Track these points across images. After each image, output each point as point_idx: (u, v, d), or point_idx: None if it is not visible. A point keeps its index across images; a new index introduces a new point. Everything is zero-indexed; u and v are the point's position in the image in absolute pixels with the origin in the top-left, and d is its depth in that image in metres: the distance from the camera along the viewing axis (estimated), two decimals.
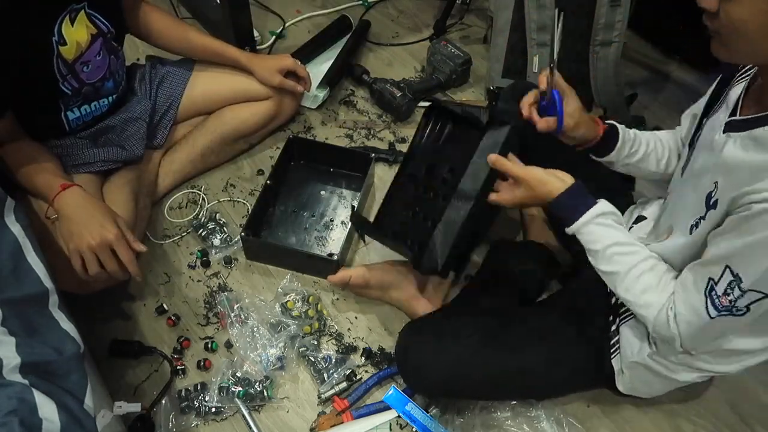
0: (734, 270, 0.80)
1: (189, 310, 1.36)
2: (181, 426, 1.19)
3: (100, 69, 1.29)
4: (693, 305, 0.86)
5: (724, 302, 0.82)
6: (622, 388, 1.10)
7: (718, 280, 0.82)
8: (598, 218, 0.96)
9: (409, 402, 1.20)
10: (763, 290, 0.79)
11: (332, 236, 1.48)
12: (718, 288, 0.82)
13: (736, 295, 0.80)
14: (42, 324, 0.91)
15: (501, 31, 1.69)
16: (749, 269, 0.79)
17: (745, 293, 0.80)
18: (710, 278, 0.83)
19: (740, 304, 0.81)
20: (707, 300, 0.84)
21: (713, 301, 0.83)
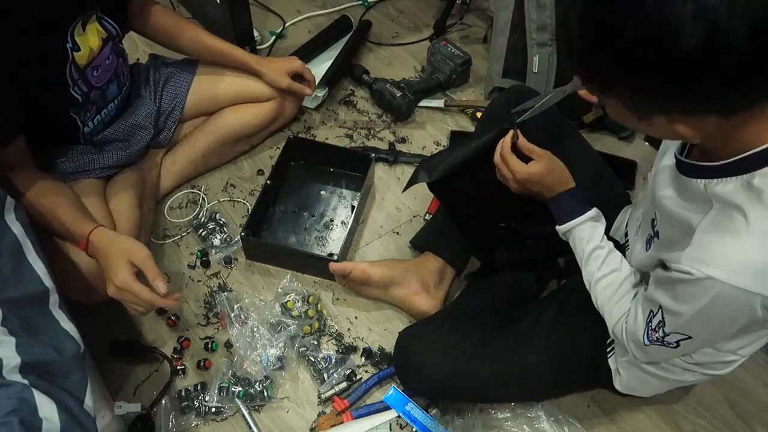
0: (663, 314, 0.84)
1: (189, 310, 1.36)
2: (181, 426, 1.19)
3: (108, 72, 1.29)
4: (636, 328, 0.90)
5: (654, 337, 0.87)
6: (619, 387, 1.11)
7: (654, 315, 0.86)
8: (592, 221, 1.02)
9: (409, 402, 1.20)
10: (685, 333, 0.83)
11: (332, 236, 1.48)
12: (653, 322, 0.86)
13: (662, 335, 0.85)
14: (42, 324, 0.91)
15: (501, 31, 1.69)
16: (672, 319, 0.82)
17: (668, 335, 0.84)
18: (650, 310, 0.87)
19: (669, 340, 0.85)
20: (646, 328, 0.88)
21: (647, 331, 0.88)
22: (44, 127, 1.20)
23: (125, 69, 1.38)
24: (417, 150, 1.68)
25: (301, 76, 1.56)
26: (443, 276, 1.34)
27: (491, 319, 1.17)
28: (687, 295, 0.78)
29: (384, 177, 1.62)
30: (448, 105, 1.79)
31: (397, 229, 1.52)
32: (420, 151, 1.68)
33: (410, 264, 1.34)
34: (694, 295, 0.76)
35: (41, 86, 1.15)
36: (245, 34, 1.80)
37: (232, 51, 1.52)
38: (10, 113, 1.09)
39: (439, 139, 1.72)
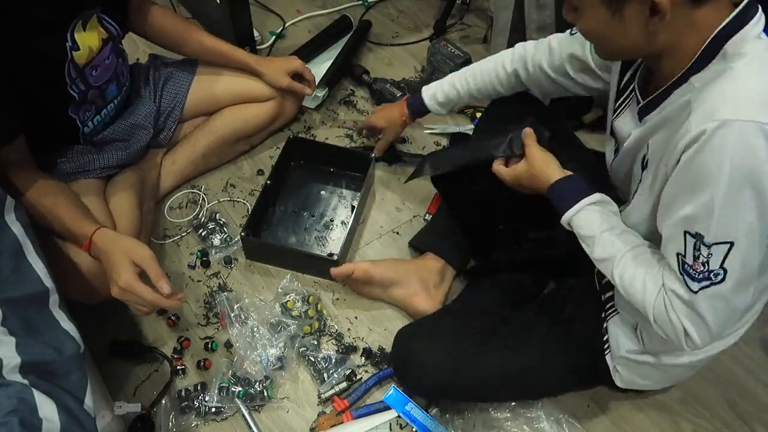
0: (692, 231, 0.79)
1: (189, 310, 1.36)
2: (181, 426, 1.19)
3: (107, 72, 1.29)
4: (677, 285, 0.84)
5: (698, 268, 0.80)
6: (619, 383, 1.11)
7: (684, 251, 0.81)
8: (594, 205, 0.97)
9: (409, 402, 1.20)
10: (725, 239, 0.77)
11: (332, 236, 1.48)
12: (687, 257, 0.81)
13: (705, 255, 0.79)
14: (42, 324, 0.91)
15: (501, 31, 1.69)
16: (705, 223, 0.77)
17: (710, 248, 0.78)
18: (677, 254, 0.82)
19: (713, 265, 0.79)
20: (684, 277, 0.83)
21: (689, 273, 0.82)
22: (44, 127, 1.20)
23: (125, 69, 1.38)
24: (417, 150, 1.68)
25: (301, 75, 1.57)
26: (443, 277, 1.34)
27: (490, 318, 1.18)
28: (706, 167, 0.74)
29: (384, 177, 1.62)
30: None
31: (397, 229, 1.52)
32: (420, 151, 1.68)
33: (411, 264, 1.35)
34: (714, 158, 0.73)
35: (40, 85, 1.15)
36: (245, 34, 1.80)
37: (232, 52, 1.52)
38: (9, 113, 1.09)
39: (439, 139, 1.72)
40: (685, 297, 0.83)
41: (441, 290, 1.34)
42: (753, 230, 0.77)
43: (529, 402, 1.22)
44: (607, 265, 0.94)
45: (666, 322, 0.87)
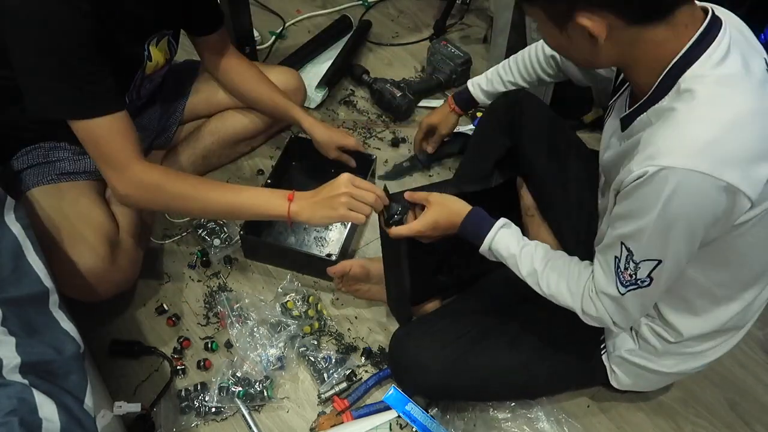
0: (627, 244, 0.84)
1: (189, 310, 1.36)
2: (181, 426, 1.19)
3: (152, 90, 1.36)
4: (607, 283, 0.90)
5: (627, 277, 0.87)
6: (616, 384, 1.11)
7: (620, 256, 0.86)
8: (504, 227, 1.03)
9: (409, 402, 1.20)
10: (652, 257, 0.83)
11: (331, 237, 1.48)
12: (620, 264, 0.87)
13: (633, 268, 0.85)
14: (42, 324, 0.91)
15: (501, 31, 1.69)
16: (636, 243, 0.83)
17: (639, 263, 0.84)
18: (615, 257, 0.87)
19: (641, 275, 0.85)
20: (615, 277, 0.88)
21: (619, 277, 0.88)
22: None
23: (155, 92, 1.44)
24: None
25: None
26: None
27: (486, 317, 1.18)
28: (644, 201, 0.78)
29: None
30: None
31: None
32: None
33: None
34: (651, 196, 0.77)
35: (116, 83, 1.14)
36: (245, 34, 1.80)
37: (289, 108, 1.49)
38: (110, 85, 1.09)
39: None
40: (614, 295, 0.90)
41: None
42: (679, 252, 0.83)
43: (529, 402, 1.22)
44: (532, 278, 1.00)
45: (594, 318, 0.94)
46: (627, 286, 0.87)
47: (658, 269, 0.83)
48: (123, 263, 1.24)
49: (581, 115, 1.72)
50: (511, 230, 1.03)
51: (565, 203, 1.21)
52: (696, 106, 0.76)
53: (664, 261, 0.82)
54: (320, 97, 1.75)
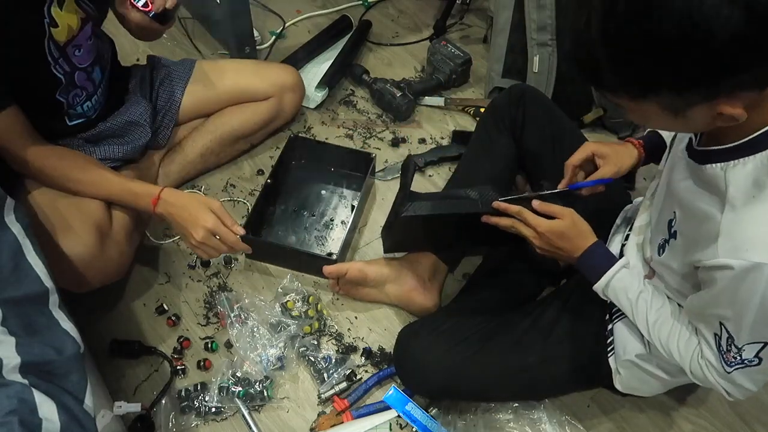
0: (726, 327, 0.80)
1: (189, 310, 1.36)
2: (181, 426, 1.19)
3: (91, 53, 1.27)
4: (713, 358, 0.85)
5: (731, 358, 0.81)
6: (620, 387, 1.10)
7: (720, 336, 0.82)
8: (625, 268, 0.97)
9: (409, 402, 1.20)
10: (757, 340, 0.78)
11: (332, 236, 1.48)
12: (722, 344, 0.82)
13: (735, 351, 0.80)
14: (42, 324, 0.91)
15: (501, 31, 1.69)
16: (736, 328, 0.78)
17: (742, 347, 0.79)
18: (715, 334, 0.83)
19: (747, 356, 0.80)
20: (720, 357, 0.84)
21: (723, 357, 0.83)
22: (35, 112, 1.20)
23: (105, 53, 1.37)
24: (416, 150, 1.68)
25: None
26: (436, 269, 1.34)
27: (491, 317, 1.17)
28: (739, 294, 0.74)
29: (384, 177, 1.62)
30: (449, 103, 1.79)
31: None
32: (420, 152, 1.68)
33: (403, 260, 1.35)
34: (746, 291, 0.73)
35: (23, 63, 1.14)
36: (245, 34, 1.80)
37: None
38: None
39: (440, 140, 1.71)
40: (720, 371, 0.85)
41: (436, 282, 1.34)
42: None
43: (531, 403, 1.22)
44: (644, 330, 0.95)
45: (705, 382, 0.88)
46: (732, 365, 0.82)
47: (765, 350, 0.78)
48: (112, 253, 1.24)
49: (581, 115, 1.72)
50: (630, 272, 0.98)
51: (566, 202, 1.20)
52: None
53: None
54: (320, 97, 1.75)
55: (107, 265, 1.23)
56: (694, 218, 0.83)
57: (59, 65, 1.21)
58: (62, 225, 1.17)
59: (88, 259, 1.17)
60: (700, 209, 0.81)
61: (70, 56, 1.22)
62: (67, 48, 1.21)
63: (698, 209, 0.82)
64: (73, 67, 1.24)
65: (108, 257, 1.22)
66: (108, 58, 1.38)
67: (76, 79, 1.26)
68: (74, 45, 1.22)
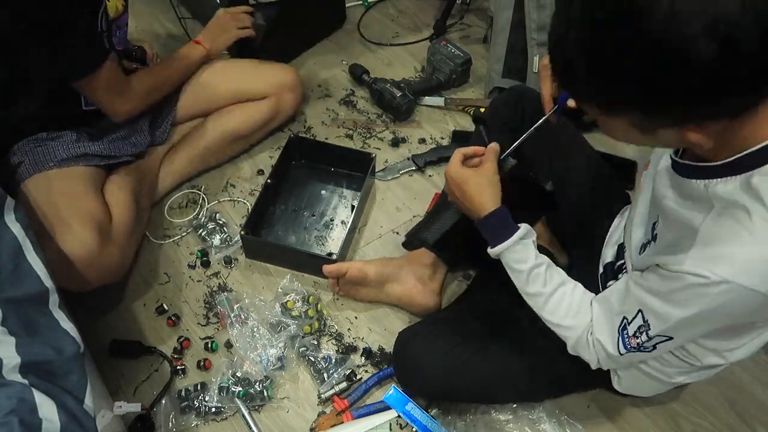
0: (645, 317, 0.82)
1: (189, 310, 1.36)
2: (181, 426, 1.19)
3: (124, 40, 1.39)
4: (607, 338, 0.89)
5: (632, 343, 0.86)
6: (618, 388, 1.10)
7: (630, 321, 0.85)
8: (524, 239, 0.97)
9: (409, 402, 1.20)
10: (669, 335, 0.82)
11: (332, 236, 1.48)
12: (629, 328, 0.85)
13: (643, 340, 0.84)
14: (42, 324, 0.91)
15: (501, 31, 1.69)
16: (659, 322, 0.81)
17: (651, 338, 0.83)
18: (624, 317, 0.86)
19: (648, 345, 0.85)
20: (618, 337, 0.87)
21: (623, 339, 0.87)
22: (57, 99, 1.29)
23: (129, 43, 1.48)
24: (416, 149, 1.68)
25: None
26: (436, 268, 1.34)
27: (491, 319, 1.17)
28: (689, 298, 0.76)
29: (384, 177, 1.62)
30: (449, 103, 1.79)
31: (397, 229, 1.52)
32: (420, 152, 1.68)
33: (403, 260, 1.35)
34: (698, 298, 0.75)
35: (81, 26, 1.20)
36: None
37: None
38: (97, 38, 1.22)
39: (440, 140, 1.72)
40: (611, 353, 0.89)
41: (436, 281, 1.34)
42: (697, 335, 0.85)
43: (531, 403, 1.22)
44: (536, 299, 0.98)
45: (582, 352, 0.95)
46: (629, 349, 0.87)
47: (665, 344, 0.83)
48: (112, 252, 1.24)
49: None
50: (527, 242, 0.98)
51: (565, 200, 1.21)
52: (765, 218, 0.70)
53: (676, 339, 0.82)
54: None
55: (107, 264, 1.23)
56: (674, 226, 0.84)
57: (106, 37, 1.26)
58: (62, 224, 1.18)
59: (88, 258, 1.17)
60: (682, 218, 0.82)
61: (113, 34, 1.30)
62: (113, 24, 1.29)
63: (680, 218, 0.82)
64: (112, 46, 1.29)
65: (108, 256, 1.22)
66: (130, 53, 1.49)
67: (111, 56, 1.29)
68: (117, 25, 1.32)
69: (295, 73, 1.63)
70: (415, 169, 1.64)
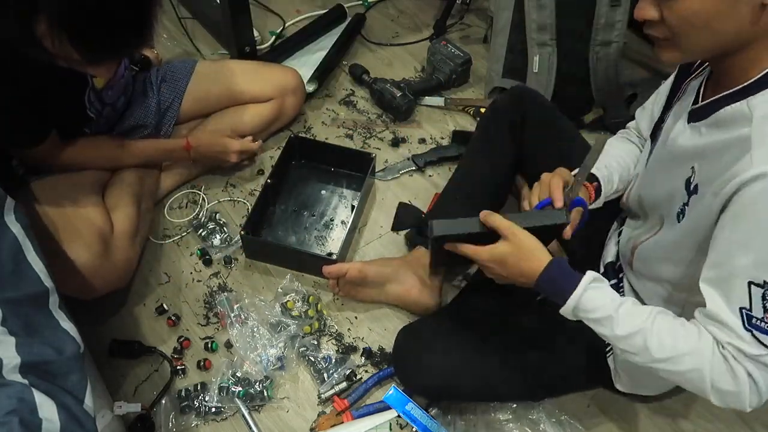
0: (758, 280, 0.72)
1: (189, 310, 1.36)
2: (181, 426, 1.19)
3: (119, 89, 1.35)
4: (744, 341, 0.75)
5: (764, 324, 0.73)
6: (620, 387, 1.11)
7: (750, 304, 0.73)
8: (593, 283, 0.87)
9: (409, 402, 1.20)
10: None
11: (332, 236, 1.48)
12: (754, 311, 0.73)
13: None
14: (42, 324, 0.91)
15: (501, 31, 1.69)
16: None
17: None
18: (741, 308, 0.74)
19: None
20: (754, 332, 0.73)
21: (759, 327, 0.73)
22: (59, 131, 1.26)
23: (130, 78, 1.42)
24: (416, 149, 1.68)
25: None
26: None
27: (491, 318, 1.17)
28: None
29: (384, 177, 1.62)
30: (449, 103, 1.79)
31: None
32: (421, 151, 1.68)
33: (402, 260, 1.35)
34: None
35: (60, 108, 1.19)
36: (245, 34, 1.80)
37: None
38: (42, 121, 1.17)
39: (440, 140, 1.72)
40: (755, 353, 0.74)
41: (436, 281, 1.34)
42: None
43: (531, 403, 1.22)
44: (636, 339, 0.83)
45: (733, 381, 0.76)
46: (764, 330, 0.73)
47: None
48: (117, 260, 1.25)
49: (581, 115, 1.72)
50: (602, 287, 0.87)
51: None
52: None
53: None
54: (310, 89, 1.75)
55: (112, 271, 1.23)
56: (719, 153, 0.79)
57: (93, 106, 1.26)
58: (69, 231, 1.18)
59: (95, 266, 1.18)
60: (725, 141, 0.79)
61: (104, 98, 1.28)
62: (102, 92, 1.27)
63: (722, 143, 0.79)
64: (104, 104, 1.30)
65: (112, 263, 1.23)
66: (131, 80, 1.43)
67: (104, 114, 1.31)
68: (108, 87, 1.29)
69: (297, 76, 1.63)
70: (415, 169, 1.64)
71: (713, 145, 0.82)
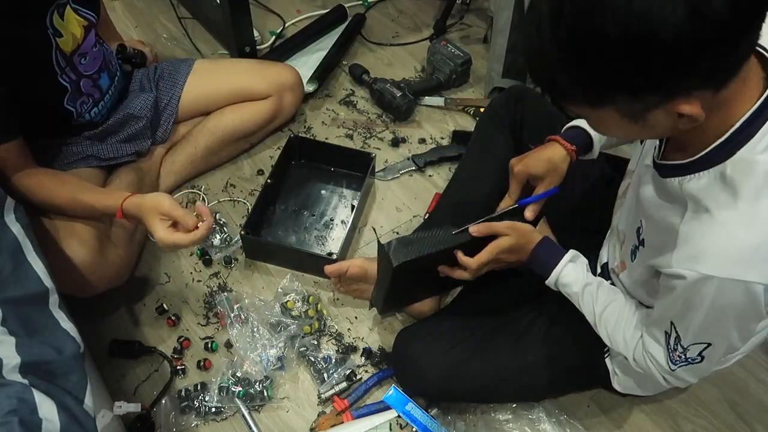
0: (676, 327, 0.83)
1: (189, 310, 1.36)
2: (181, 426, 1.19)
3: (96, 60, 1.30)
4: (659, 355, 0.90)
5: (676, 357, 0.86)
6: (618, 387, 1.11)
7: (669, 334, 0.86)
8: (572, 262, 1.02)
9: (409, 402, 1.20)
10: (702, 340, 0.82)
11: (332, 235, 1.48)
12: (671, 342, 0.86)
13: (681, 351, 0.85)
14: (42, 324, 0.91)
15: (501, 31, 1.69)
16: (684, 329, 0.82)
17: (687, 348, 0.83)
18: (665, 332, 0.86)
19: (691, 355, 0.84)
20: (666, 353, 0.88)
21: (670, 356, 0.87)
22: (44, 120, 1.22)
23: (112, 58, 1.39)
24: (416, 149, 1.68)
25: None
26: None
27: (489, 319, 1.17)
28: (689, 300, 0.77)
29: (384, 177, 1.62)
30: (449, 103, 1.79)
31: (397, 229, 1.52)
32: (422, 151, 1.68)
33: None
34: (696, 298, 0.76)
35: (31, 76, 1.16)
36: (245, 34, 1.80)
37: None
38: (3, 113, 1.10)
39: (440, 140, 1.72)
40: (665, 367, 0.89)
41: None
42: (731, 337, 0.81)
43: (531, 403, 1.22)
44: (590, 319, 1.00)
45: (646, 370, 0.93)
46: (677, 364, 0.87)
47: (709, 351, 0.83)
48: (114, 258, 1.24)
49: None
50: (576, 265, 1.03)
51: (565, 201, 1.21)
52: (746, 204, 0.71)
53: (714, 345, 0.82)
54: (310, 89, 1.75)
55: (109, 268, 1.23)
56: (657, 228, 0.85)
57: (66, 74, 1.22)
58: (64, 229, 1.18)
59: (90, 263, 1.18)
60: (663, 220, 0.83)
61: (76, 65, 1.24)
62: (73, 57, 1.23)
63: (661, 220, 0.83)
64: (79, 75, 1.25)
65: (110, 261, 1.23)
66: (116, 64, 1.40)
67: (82, 86, 1.27)
68: (80, 54, 1.24)
69: (296, 74, 1.63)
70: (415, 169, 1.64)
71: (656, 216, 0.85)
